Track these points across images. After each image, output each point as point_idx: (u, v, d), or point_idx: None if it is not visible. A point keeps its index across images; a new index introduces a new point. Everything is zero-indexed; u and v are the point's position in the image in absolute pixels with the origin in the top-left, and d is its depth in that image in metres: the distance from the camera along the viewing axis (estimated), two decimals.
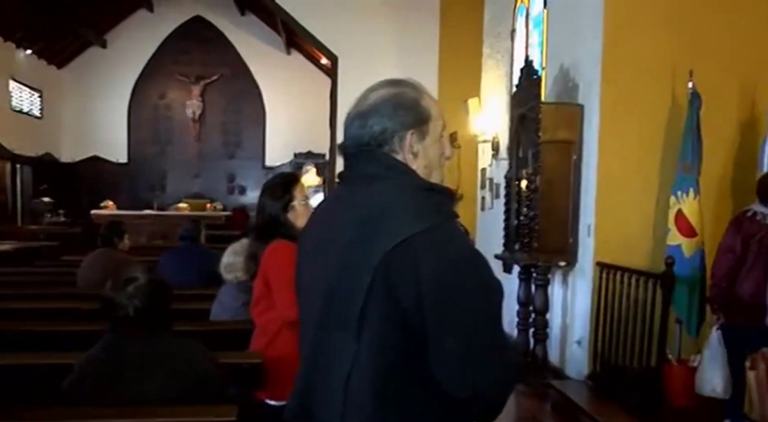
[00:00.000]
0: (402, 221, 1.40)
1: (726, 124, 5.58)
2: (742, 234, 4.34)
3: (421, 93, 1.56)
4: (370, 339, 1.40)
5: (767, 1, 5.58)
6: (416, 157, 1.53)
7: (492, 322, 1.43)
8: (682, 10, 5.54)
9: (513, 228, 6.53)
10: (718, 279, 4.46)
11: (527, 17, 7.36)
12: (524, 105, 6.21)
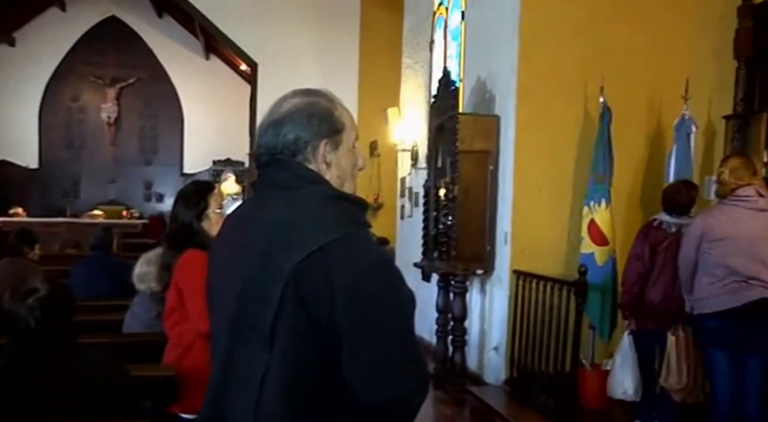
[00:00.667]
0: (313, 231, 1.39)
1: (635, 136, 5.74)
2: (650, 242, 4.45)
3: (334, 103, 1.56)
4: (282, 350, 1.38)
5: (674, 20, 5.76)
6: (329, 167, 1.53)
7: (404, 331, 1.43)
8: (594, 26, 5.67)
9: (431, 237, 6.52)
10: (629, 285, 4.56)
11: (446, 29, 7.41)
12: (442, 115, 6.23)
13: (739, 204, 3.74)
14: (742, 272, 3.66)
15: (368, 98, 9.83)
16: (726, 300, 3.69)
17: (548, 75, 5.64)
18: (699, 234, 3.83)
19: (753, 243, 3.66)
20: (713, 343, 3.86)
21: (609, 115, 5.33)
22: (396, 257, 8.66)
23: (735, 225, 3.72)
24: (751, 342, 3.71)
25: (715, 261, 3.73)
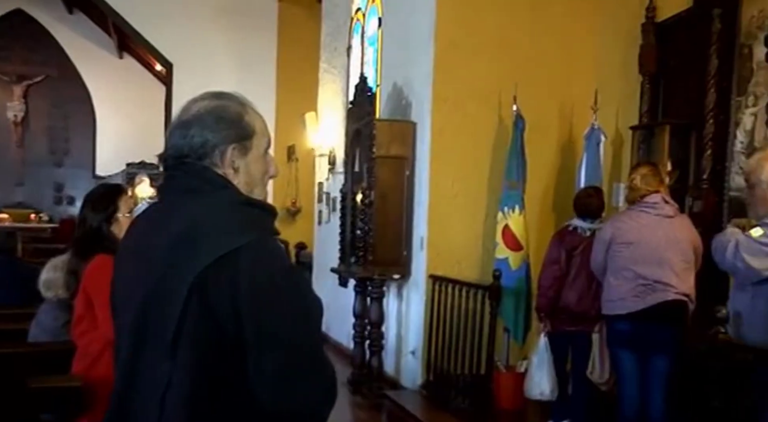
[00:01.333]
0: (219, 237, 1.34)
1: (547, 144, 5.83)
2: (565, 247, 4.51)
3: (245, 107, 1.50)
4: (186, 360, 1.33)
5: (584, 34, 5.89)
6: (237, 173, 1.47)
7: (311, 340, 1.40)
8: (508, 37, 5.73)
9: (348, 242, 6.47)
10: (545, 289, 4.60)
11: (363, 35, 7.35)
12: (359, 120, 6.19)
13: (647, 210, 3.82)
14: (648, 276, 3.73)
15: (286, 102, 9.67)
16: (633, 303, 3.75)
17: (463, 83, 5.66)
18: (608, 238, 3.89)
19: (658, 248, 3.74)
20: (620, 344, 3.92)
21: (522, 123, 5.40)
22: (313, 262, 8.57)
23: (642, 231, 3.79)
24: (656, 343, 3.79)
25: (622, 264, 3.79)
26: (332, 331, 7.68)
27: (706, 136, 4.56)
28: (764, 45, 4.27)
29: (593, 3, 5.92)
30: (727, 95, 4.48)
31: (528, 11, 5.78)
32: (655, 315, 3.72)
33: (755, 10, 4.36)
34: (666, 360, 3.81)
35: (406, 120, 6.03)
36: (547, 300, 4.59)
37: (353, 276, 6.22)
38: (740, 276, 3.22)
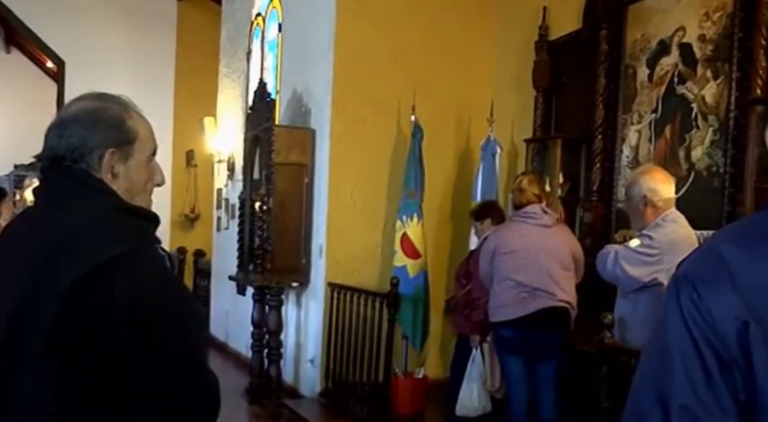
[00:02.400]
0: (95, 245, 1.24)
1: (445, 155, 5.83)
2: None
3: (129, 111, 1.40)
4: (56, 376, 1.21)
5: (481, 49, 5.93)
6: (116, 178, 1.36)
7: (192, 355, 1.31)
8: (407, 48, 5.69)
9: (247, 250, 6.26)
10: (482, 302, 4.31)
11: (263, 40, 7.12)
12: (258, 126, 6.00)
13: (527, 220, 3.85)
14: (529, 283, 3.76)
15: (185, 106, 9.25)
16: (516, 310, 3.77)
17: (363, 91, 5.58)
18: (493, 248, 3.90)
19: (539, 257, 3.77)
20: (507, 350, 3.93)
21: (421, 133, 5.37)
22: (212, 270, 8.25)
23: (523, 240, 3.82)
24: (541, 348, 3.83)
25: (505, 273, 3.82)
26: (231, 340, 7.42)
27: (595, 150, 4.65)
28: (647, 67, 4.40)
29: (490, 19, 5.97)
30: (614, 112, 4.59)
31: (426, 24, 5.76)
32: (537, 321, 3.75)
33: (638, 33, 4.48)
34: (552, 365, 3.86)
35: (306, 127, 5.89)
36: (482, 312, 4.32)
37: (251, 284, 6.06)
38: (621, 285, 3.29)
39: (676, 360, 0.87)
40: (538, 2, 5.23)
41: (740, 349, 0.83)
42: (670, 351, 0.88)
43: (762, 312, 0.82)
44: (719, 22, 3.93)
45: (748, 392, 0.83)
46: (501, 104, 5.49)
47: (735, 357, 0.83)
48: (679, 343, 0.87)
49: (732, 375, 0.84)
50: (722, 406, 0.83)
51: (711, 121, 3.99)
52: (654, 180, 3.17)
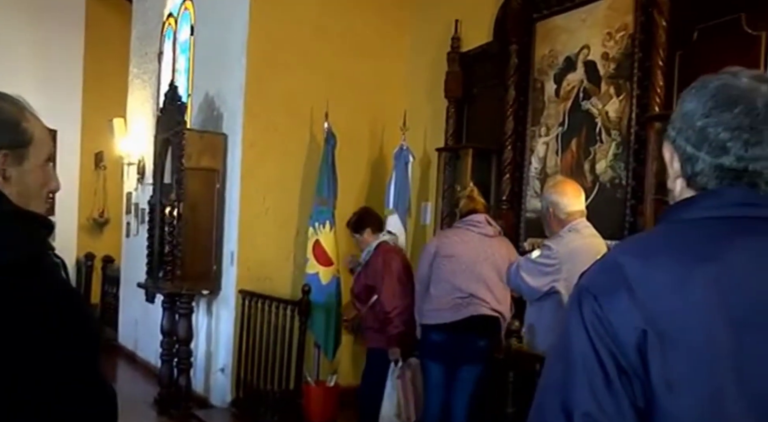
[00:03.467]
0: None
1: (358, 162, 5.73)
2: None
3: (24, 113, 1.31)
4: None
5: (394, 58, 5.86)
6: (8, 182, 1.28)
7: (85, 367, 1.24)
8: (320, 54, 5.56)
9: (157, 256, 5.99)
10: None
11: (175, 41, 6.81)
12: (168, 130, 5.77)
13: (471, 228, 3.84)
14: (464, 289, 3.74)
15: (93, 106, 8.75)
16: (448, 314, 3.75)
17: (276, 97, 5.41)
18: (434, 250, 3.87)
19: (477, 264, 3.76)
20: (431, 356, 3.90)
21: (334, 140, 5.25)
22: (121, 276, 7.86)
23: (464, 246, 3.80)
24: (467, 354, 3.80)
25: (443, 276, 3.79)
26: (140, 349, 7.09)
27: (505, 160, 4.65)
28: (554, 82, 4.43)
29: (403, 28, 5.91)
30: (524, 124, 4.61)
31: (341, 32, 5.64)
32: (467, 327, 3.73)
33: (546, 49, 4.50)
34: (474, 371, 3.83)
35: (218, 132, 5.67)
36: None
37: (161, 291, 5.80)
38: (524, 294, 3.35)
39: (579, 369, 0.90)
40: (450, 14, 5.20)
41: (639, 357, 0.87)
42: (573, 361, 0.91)
43: (659, 322, 0.87)
44: (621, 42, 3.99)
45: (646, 398, 0.87)
46: (414, 113, 5.43)
47: (634, 364, 0.87)
48: (582, 353, 0.90)
49: (631, 382, 0.87)
50: (622, 412, 0.87)
51: (614, 136, 4.04)
52: (557, 193, 3.21)
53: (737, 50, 3.31)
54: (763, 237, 0.94)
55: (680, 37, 3.60)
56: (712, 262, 0.90)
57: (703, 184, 1.00)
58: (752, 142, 0.96)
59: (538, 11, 4.52)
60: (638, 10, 3.86)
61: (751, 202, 0.96)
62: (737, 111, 0.97)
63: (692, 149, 1.00)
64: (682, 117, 1.03)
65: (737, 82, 0.99)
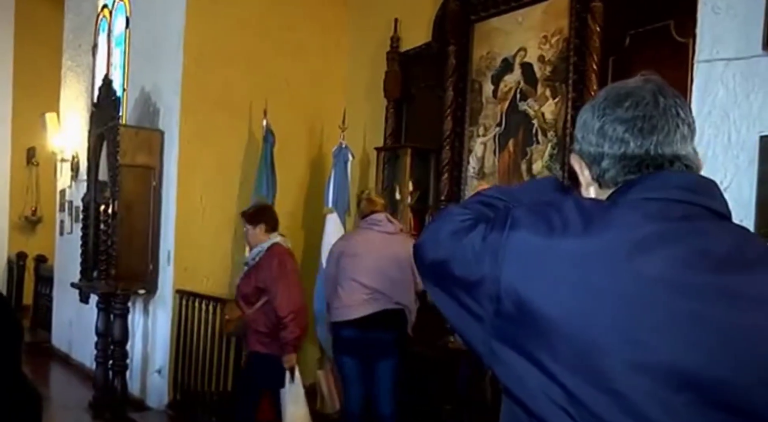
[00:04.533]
0: None
1: (298, 161, 5.61)
2: None
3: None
4: None
5: (334, 57, 5.76)
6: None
7: (4, 372, 1.19)
8: (258, 51, 5.41)
9: (91, 255, 5.79)
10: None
11: (110, 34, 6.53)
12: (103, 125, 5.56)
13: (373, 227, 3.91)
14: (370, 286, 3.80)
15: (24, 100, 8.38)
16: (356, 310, 3.81)
17: (213, 94, 5.24)
18: (339, 251, 3.94)
19: (381, 261, 3.83)
20: (344, 351, 3.94)
21: (272, 138, 5.14)
22: (54, 276, 7.54)
23: (367, 245, 3.88)
24: (379, 348, 3.86)
25: (350, 275, 3.85)
26: (74, 351, 6.84)
27: (444, 160, 4.62)
28: (491, 83, 4.41)
29: (343, 27, 5.81)
30: (462, 124, 4.58)
31: (280, 29, 5.49)
32: (376, 322, 3.80)
33: (484, 50, 4.48)
34: (389, 363, 3.89)
35: (154, 128, 5.48)
36: (304, 324, 4.05)
37: (95, 291, 5.59)
38: None
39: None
40: (390, 13, 5.13)
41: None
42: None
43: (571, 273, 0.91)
44: (557, 45, 3.99)
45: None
46: (353, 112, 5.35)
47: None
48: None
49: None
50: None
51: (550, 137, 4.05)
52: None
53: (667, 56, 3.35)
54: (679, 223, 0.94)
55: (613, 43, 3.62)
56: (635, 232, 0.92)
57: (612, 178, 1.03)
58: (647, 129, 1.00)
59: (475, 13, 4.50)
60: (573, 15, 3.87)
61: (680, 186, 0.98)
62: (627, 104, 1.01)
63: (596, 149, 1.03)
64: (581, 127, 1.07)
65: (625, 83, 1.05)
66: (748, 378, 0.86)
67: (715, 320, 0.87)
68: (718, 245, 0.92)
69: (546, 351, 0.90)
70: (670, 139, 1.00)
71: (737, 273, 0.90)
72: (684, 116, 1.02)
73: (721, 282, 0.89)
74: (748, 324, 0.87)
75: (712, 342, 0.86)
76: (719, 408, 0.86)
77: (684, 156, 1.02)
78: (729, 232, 0.96)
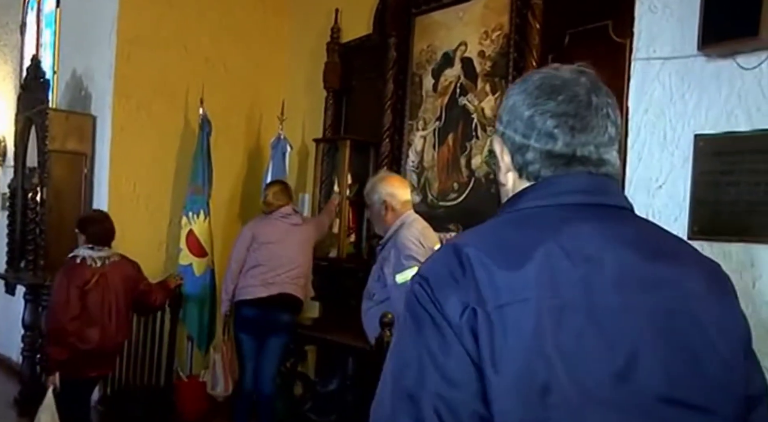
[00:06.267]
0: None
1: (235, 151, 5.42)
2: (77, 283, 3.75)
3: None
4: None
5: (273, 46, 5.53)
6: None
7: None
8: (197, 36, 5.17)
9: (18, 245, 5.54)
10: (63, 336, 3.69)
11: (39, 12, 6.16)
12: (31, 108, 5.28)
13: (281, 219, 4.24)
14: (275, 270, 4.14)
15: None
16: (259, 291, 4.12)
17: (148, 79, 4.98)
18: (251, 236, 4.23)
19: (287, 249, 4.17)
20: (244, 329, 4.19)
21: (209, 126, 4.94)
22: None
23: (277, 234, 4.20)
24: (273, 326, 4.16)
25: (260, 260, 4.15)
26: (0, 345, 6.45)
27: (383, 153, 4.50)
28: (432, 77, 4.31)
29: (283, 16, 5.60)
30: (402, 118, 4.46)
31: (219, 15, 5.25)
32: (274, 302, 4.12)
33: (425, 44, 4.37)
34: (279, 341, 4.20)
35: (86, 113, 5.22)
36: (69, 346, 3.61)
37: (22, 282, 5.40)
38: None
39: (416, 355, 0.88)
40: (330, 4, 4.96)
41: (471, 337, 0.85)
42: (408, 349, 0.89)
43: (488, 303, 0.85)
44: (497, 41, 3.91)
45: (479, 375, 0.85)
46: (292, 103, 5.18)
47: (467, 345, 0.85)
48: (418, 340, 0.88)
49: (467, 360, 0.85)
50: (470, 385, 0.84)
51: (489, 132, 3.97)
52: (392, 185, 3.28)
53: (605, 55, 3.31)
54: (591, 224, 0.94)
55: (553, 40, 3.56)
56: (542, 247, 0.89)
57: (535, 173, 1.00)
58: (578, 127, 0.97)
59: (416, 6, 4.38)
60: (513, 12, 3.78)
61: (582, 189, 0.97)
62: (561, 99, 0.97)
63: (522, 139, 1.00)
64: (509, 110, 1.02)
65: (559, 74, 1.01)
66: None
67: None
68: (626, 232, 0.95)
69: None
70: (597, 141, 0.98)
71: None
72: (614, 118, 1.00)
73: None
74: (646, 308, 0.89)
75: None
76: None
77: (607, 159, 0.99)
78: (631, 222, 0.99)
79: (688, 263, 0.96)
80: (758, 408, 0.96)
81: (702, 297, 0.93)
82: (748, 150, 2.24)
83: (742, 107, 2.26)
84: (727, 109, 2.29)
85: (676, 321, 0.90)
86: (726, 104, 2.30)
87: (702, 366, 0.90)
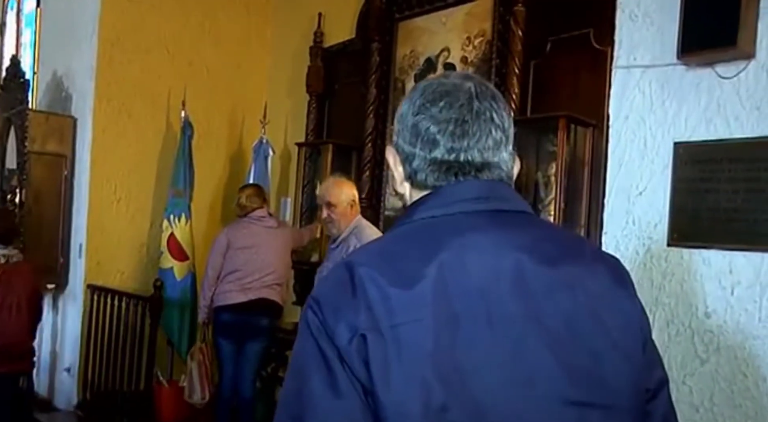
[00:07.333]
0: None
1: (217, 154, 5.37)
2: None
3: None
4: None
5: (256, 50, 5.51)
6: None
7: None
8: (180, 38, 5.13)
9: None
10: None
11: (19, 12, 6.07)
12: (10, 109, 5.19)
13: (255, 222, 4.19)
14: (253, 275, 4.11)
15: None
16: (237, 296, 4.09)
17: (130, 81, 4.94)
18: (226, 242, 4.17)
19: (264, 253, 4.14)
20: (222, 334, 4.16)
21: (191, 129, 4.90)
22: None
23: (252, 238, 4.15)
24: (252, 331, 4.14)
25: (237, 265, 4.12)
26: None
27: (365, 158, 4.48)
28: (414, 82, 4.29)
29: (267, 20, 5.56)
30: (384, 123, 4.43)
31: (202, 17, 5.22)
32: (253, 307, 4.10)
33: (408, 49, 4.36)
34: (258, 346, 4.18)
35: (66, 114, 5.14)
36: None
37: None
38: None
39: (307, 378, 0.86)
40: (314, 8, 4.93)
41: (360, 361, 0.83)
42: (301, 371, 0.88)
43: (380, 323, 0.83)
44: (479, 47, 3.91)
45: (369, 397, 0.83)
46: (275, 106, 5.14)
47: (357, 369, 0.83)
48: (308, 363, 0.87)
49: (356, 384, 0.83)
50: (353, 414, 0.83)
51: None
52: (353, 188, 3.45)
53: (586, 63, 3.33)
54: (487, 232, 0.92)
55: (535, 47, 3.56)
56: (436, 260, 0.88)
57: (422, 181, 0.99)
58: (458, 133, 0.96)
59: (400, 11, 4.36)
60: (496, 18, 3.78)
61: (474, 196, 0.96)
62: (442, 104, 0.96)
63: (409, 147, 0.99)
64: (399, 119, 1.02)
65: (445, 81, 0.99)
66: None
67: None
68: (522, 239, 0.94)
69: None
70: (481, 145, 0.96)
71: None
72: (499, 121, 0.98)
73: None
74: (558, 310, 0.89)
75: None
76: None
77: (495, 163, 0.98)
78: (529, 226, 0.98)
79: (588, 262, 0.96)
80: (657, 397, 0.97)
81: (603, 295, 0.93)
82: (726, 158, 2.25)
83: (721, 116, 2.26)
84: (707, 117, 2.30)
85: (577, 323, 0.89)
86: (705, 112, 2.30)
87: (603, 365, 0.90)
